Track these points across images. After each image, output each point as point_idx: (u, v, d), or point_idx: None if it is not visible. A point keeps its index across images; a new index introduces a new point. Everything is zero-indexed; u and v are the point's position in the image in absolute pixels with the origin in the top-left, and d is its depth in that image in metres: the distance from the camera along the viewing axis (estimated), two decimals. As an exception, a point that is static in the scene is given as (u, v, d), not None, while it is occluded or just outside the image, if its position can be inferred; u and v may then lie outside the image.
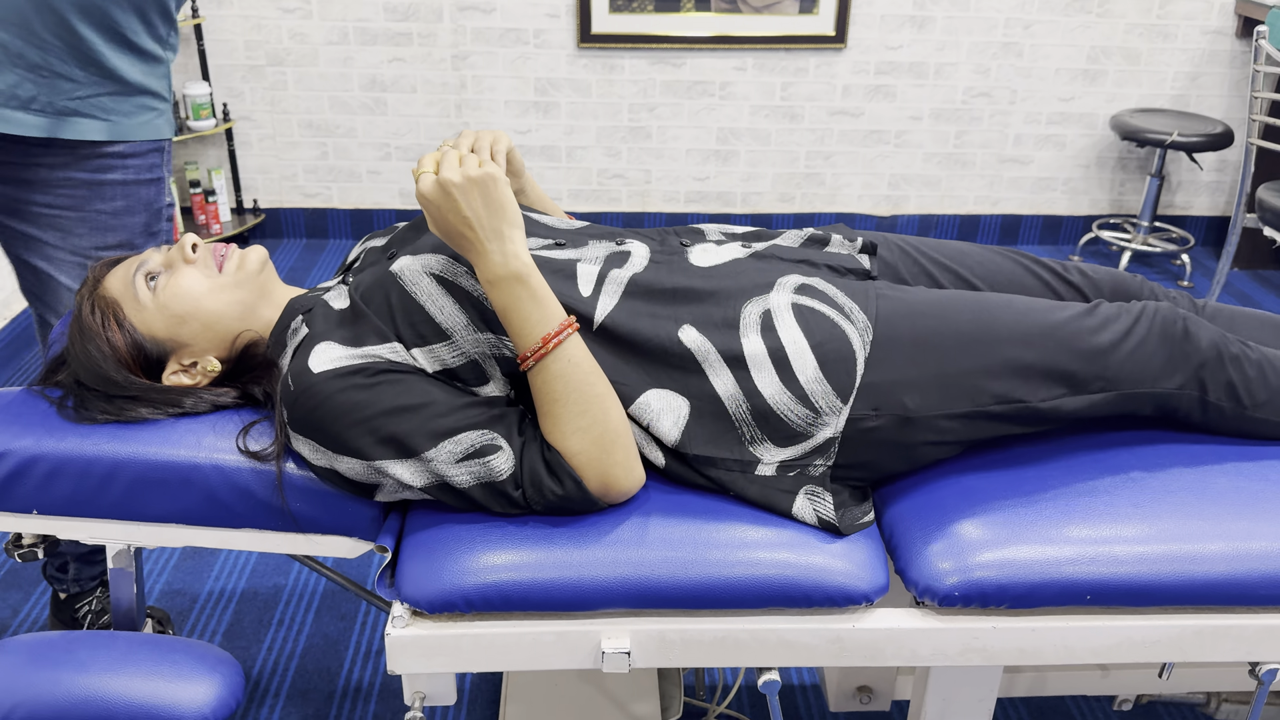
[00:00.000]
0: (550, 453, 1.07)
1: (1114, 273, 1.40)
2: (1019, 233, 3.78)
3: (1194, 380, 1.19)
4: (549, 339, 1.06)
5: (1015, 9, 3.42)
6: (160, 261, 1.19)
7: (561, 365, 1.06)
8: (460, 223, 1.05)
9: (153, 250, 1.20)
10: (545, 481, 1.06)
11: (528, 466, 1.06)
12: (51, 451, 1.11)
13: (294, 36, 3.35)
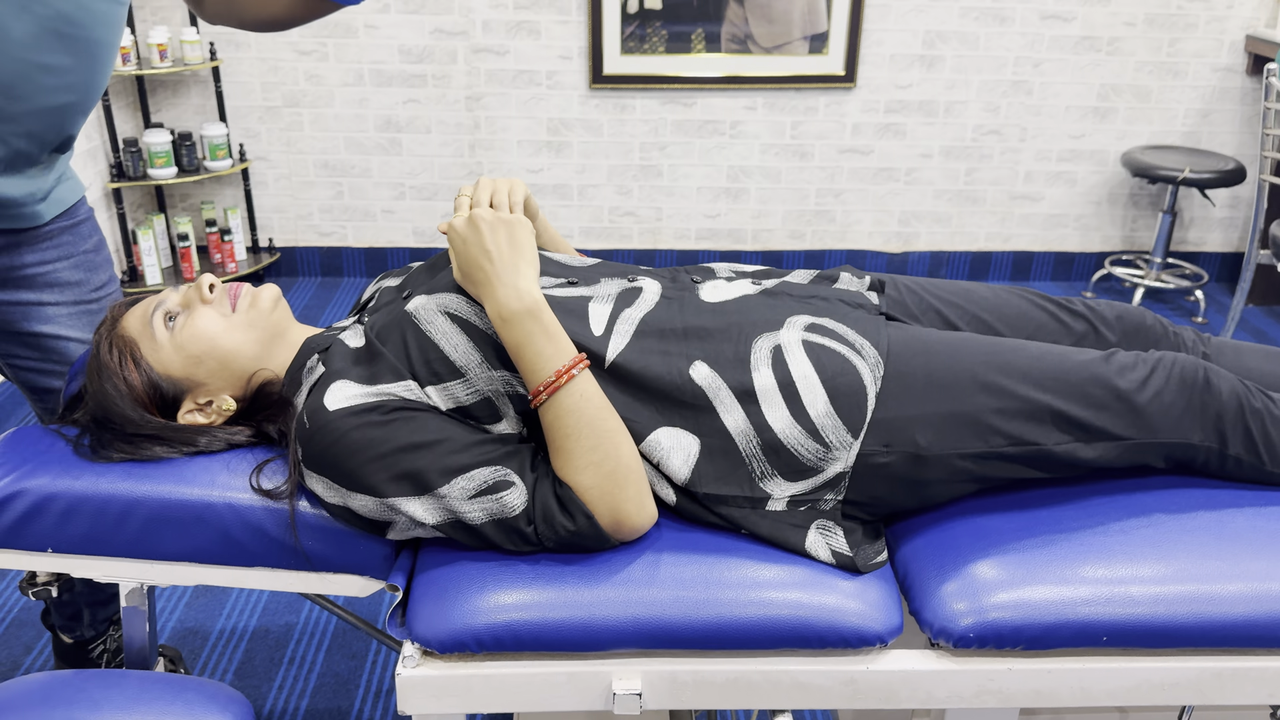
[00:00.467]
0: (562, 488, 1.07)
1: (1120, 306, 1.40)
2: (1031, 269, 3.78)
3: (1214, 433, 1.17)
4: (561, 374, 1.06)
5: (1025, 48, 3.44)
6: (178, 301, 1.20)
7: (573, 400, 1.06)
8: (482, 254, 1.09)
9: (170, 290, 1.22)
10: (557, 517, 1.06)
11: (540, 502, 1.06)
12: (67, 490, 1.11)
13: (310, 78, 3.40)
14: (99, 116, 3.21)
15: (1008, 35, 3.43)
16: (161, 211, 3.51)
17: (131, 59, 3.12)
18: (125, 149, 3.22)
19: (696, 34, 3.37)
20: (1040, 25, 3.42)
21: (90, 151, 3.17)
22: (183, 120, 3.44)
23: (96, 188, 3.22)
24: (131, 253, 3.35)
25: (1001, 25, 3.41)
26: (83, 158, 3.11)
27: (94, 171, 3.19)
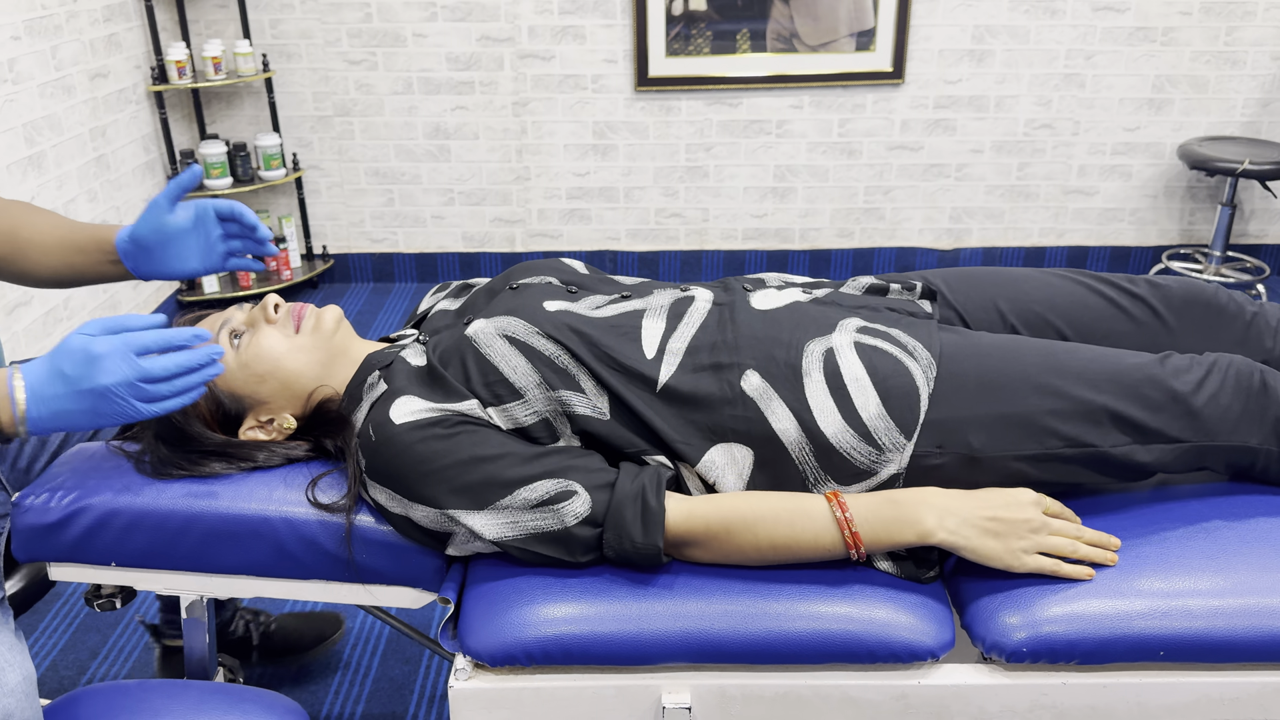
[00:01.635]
0: (651, 507, 1.06)
1: (1187, 282, 1.34)
2: (1086, 264, 3.71)
3: (1273, 435, 1.14)
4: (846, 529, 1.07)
5: (1076, 40, 3.38)
6: (243, 320, 1.23)
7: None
8: (1011, 534, 1.07)
9: (235, 309, 1.24)
10: (629, 527, 1.06)
11: (615, 509, 1.06)
12: (129, 506, 1.15)
13: (360, 88, 3.45)
14: (156, 130, 3.29)
15: (1059, 28, 3.36)
16: (218, 221, 3.58)
17: (187, 72, 3.19)
18: (182, 160, 3.29)
19: (741, 34, 3.36)
20: (1092, 17, 3.35)
21: (148, 164, 3.24)
22: (237, 131, 3.51)
23: (155, 199, 3.29)
24: (189, 262, 3.42)
25: (1052, 18, 3.35)
26: (140, 170, 3.19)
27: (151, 183, 3.27)
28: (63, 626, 1.99)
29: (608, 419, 1.13)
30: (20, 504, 1.15)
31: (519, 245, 3.69)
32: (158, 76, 3.21)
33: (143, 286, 3.22)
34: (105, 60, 2.96)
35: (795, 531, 1.06)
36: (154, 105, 3.26)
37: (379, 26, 3.36)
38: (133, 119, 3.14)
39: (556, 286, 1.28)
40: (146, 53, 3.21)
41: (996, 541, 1.06)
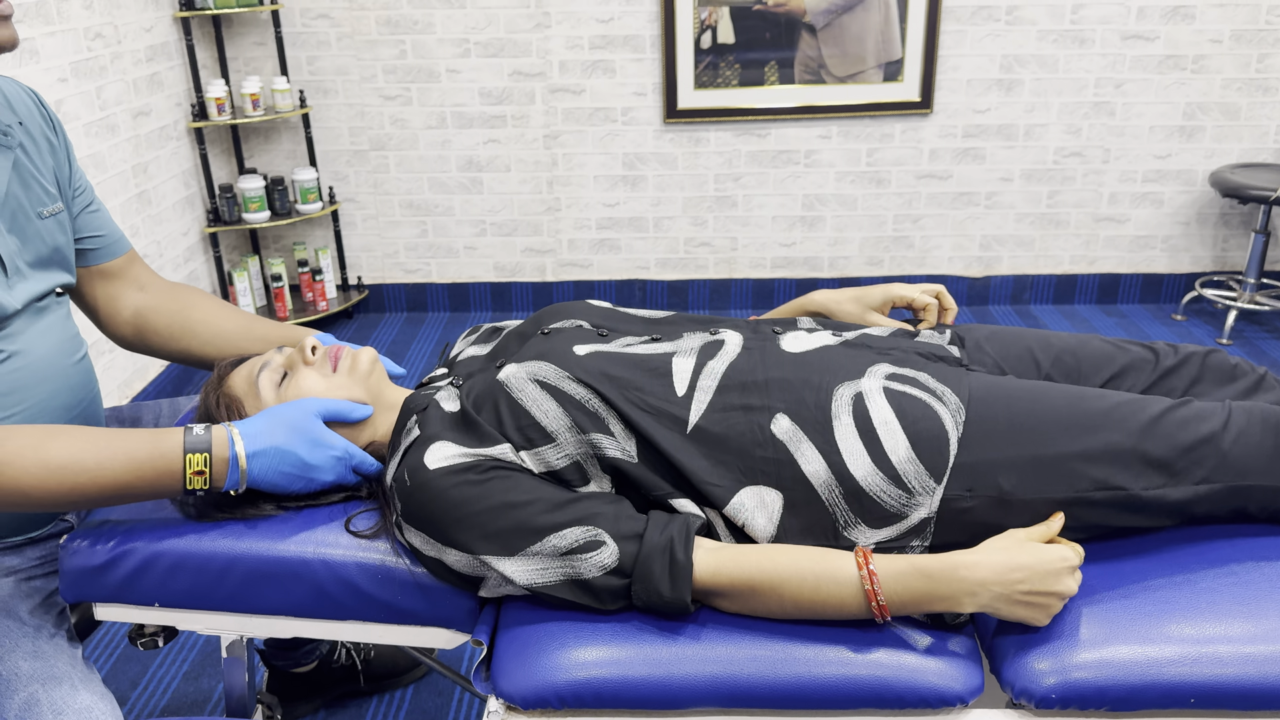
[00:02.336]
0: (679, 561, 1.07)
1: (1205, 351, 1.36)
2: (1118, 292, 3.69)
3: None
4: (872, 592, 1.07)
5: (1106, 69, 3.38)
6: (281, 363, 1.26)
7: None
8: (1041, 588, 1.05)
9: (274, 351, 1.28)
10: (657, 582, 1.07)
11: (643, 562, 1.07)
12: (173, 548, 1.18)
13: (395, 122, 3.51)
14: (196, 165, 3.37)
15: (1088, 57, 3.37)
16: (255, 253, 3.66)
17: (226, 109, 3.27)
18: (221, 195, 3.37)
19: (769, 65, 3.39)
20: (1121, 46, 3.35)
21: (188, 199, 3.32)
22: (275, 165, 3.58)
23: (194, 233, 3.37)
24: (228, 294, 3.49)
25: (1081, 47, 3.35)
26: (180, 205, 3.27)
27: (191, 217, 3.34)
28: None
29: (636, 462, 1.15)
30: (68, 546, 1.18)
31: (549, 275, 3.73)
32: (198, 113, 3.28)
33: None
34: (147, 99, 3.04)
35: (821, 596, 1.07)
36: (194, 141, 3.34)
37: (413, 63, 3.43)
38: (173, 155, 3.21)
39: (587, 330, 1.30)
40: (187, 90, 3.30)
41: (1028, 610, 1.05)
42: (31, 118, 1.28)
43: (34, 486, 1.05)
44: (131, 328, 1.42)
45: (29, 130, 1.27)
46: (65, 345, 1.26)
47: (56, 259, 1.27)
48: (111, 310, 1.41)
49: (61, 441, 1.07)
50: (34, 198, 1.24)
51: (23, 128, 1.25)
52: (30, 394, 1.20)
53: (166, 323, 1.41)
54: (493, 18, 3.37)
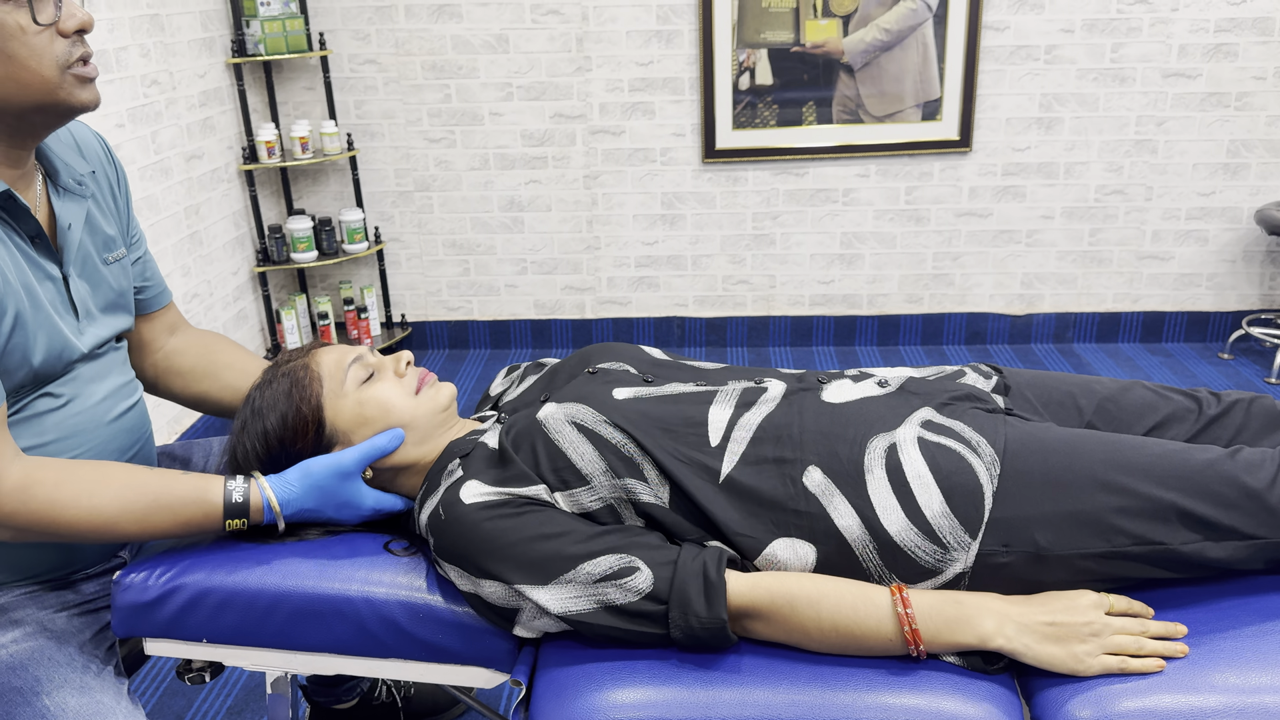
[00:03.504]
0: (714, 581, 1.08)
1: (1252, 397, 1.34)
2: (1163, 330, 3.65)
3: None
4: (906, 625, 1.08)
5: (1147, 107, 3.37)
6: (374, 363, 1.29)
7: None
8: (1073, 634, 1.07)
9: (367, 349, 1.31)
10: (694, 604, 1.07)
11: (679, 586, 1.08)
12: (221, 585, 1.21)
13: (439, 164, 3.59)
14: (246, 206, 3.45)
15: (1129, 95, 3.36)
16: (303, 292, 3.74)
17: (275, 152, 3.36)
18: (270, 235, 3.45)
19: (807, 105, 3.42)
20: (1163, 84, 3.34)
21: (238, 239, 3.40)
22: (323, 206, 3.67)
23: (244, 272, 3.45)
24: (275, 331, 3.57)
25: (1122, 85, 3.35)
26: (231, 245, 3.35)
27: (241, 257, 3.43)
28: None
29: (668, 508, 1.16)
30: (121, 582, 1.21)
31: (589, 312, 3.76)
32: (248, 156, 3.38)
33: (231, 356, 3.35)
34: (200, 143, 3.14)
35: (859, 616, 1.07)
36: (244, 183, 3.43)
37: (458, 106, 3.50)
38: (224, 197, 3.30)
39: (633, 375, 1.32)
40: (238, 134, 3.39)
41: (1058, 647, 1.06)
42: (101, 166, 1.34)
43: (88, 530, 1.13)
44: (155, 370, 1.46)
45: (99, 178, 1.32)
46: (122, 390, 1.31)
47: (121, 303, 1.32)
48: (142, 354, 1.46)
49: (114, 488, 1.14)
50: (100, 244, 1.29)
51: (94, 176, 1.31)
52: (89, 438, 1.24)
53: (191, 365, 1.45)
54: (535, 62, 3.44)
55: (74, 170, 1.26)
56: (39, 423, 1.19)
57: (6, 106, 1.11)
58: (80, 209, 1.26)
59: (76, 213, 1.25)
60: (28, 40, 1.09)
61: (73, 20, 1.12)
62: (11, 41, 1.08)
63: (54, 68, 1.11)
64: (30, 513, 1.09)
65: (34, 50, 1.09)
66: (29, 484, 1.09)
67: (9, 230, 1.15)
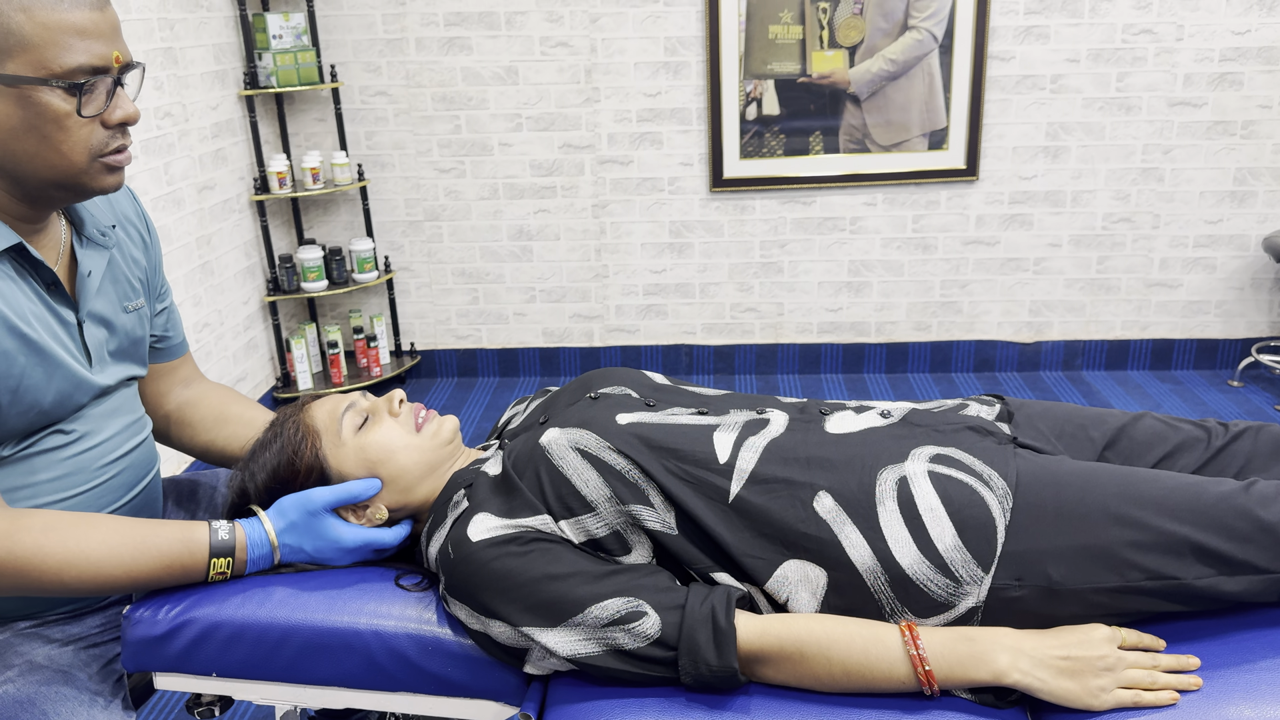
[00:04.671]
0: (723, 628, 1.07)
1: (1262, 427, 1.34)
2: (1172, 358, 3.64)
3: None
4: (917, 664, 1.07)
5: (1153, 135, 3.38)
6: (367, 407, 1.30)
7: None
8: (1088, 669, 1.07)
9: (359, 395, 1.32)
10: (703, 652, 1.07)
11: (687, 633, 1.08)
12: (231, 618, 1.21)
13: (449, 194, 3.61)
14: (257, 236, 3.48)
15: (1135, 124, 3.37)
16: (313, 321, 3.76)
17: (287, 182, 3.39)
18: (281, 265, 3.47)
19: (814, 135, 3.44)
20: (1169, 112, 3.35)
21: (249, 269, 3.43)
22: (333, 236, 3.69)
23: (254, 302, 3.47)
24: (285, 360, 3.58)
25: (1128, 114, 3.36)
26: (241, 275, 3.37)
27: (251, 286, 3.45)
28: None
29: (675, 534, 1.16)
30: (131, 616, 1.22)
31: (597, 340, 3.77)
32: (260, 187, 3.41)
33: (241, 387, 3.37)
34: (212, 173, 3.17)
35: (870, 660, 1.07)
36: (255, 214, 3.46)
37: (467, 137, 3.53)
38: (235, 227, 3.33)
39: (634, 399, 1.32)
40: (250, 165, 3.42)
41: (1072, 681, 1.05)
42: (128, 218, 1.35)
43: (74, 578, 1.12)
44: (167, 420, 1.47)
45: (125, 230, 1.34)
46: (131, 427, 1.32)
47: (134, 352, 1.33)
48: (155, 404, 1.47)
49: (101, 533, 1.14)
50: (121, 292, 1.30)
51: (118, 229, 1.32)
52: (97, 475, 1.25)
53: (201, 416, 1.46)
54: (544, 93, 3.47)
55: (99, 222, 1.28)
56: (49, 458, 1.20)
57: (29, 178, 1.12)
58: (102, 258, 1.27)
59: (98, 261, 1.26)
60: (67, 126, 1.09)
61: (118, 113, 1.12)
62: (50, 125, 1.08)
63: (85, 155, 1.11)
64: (15, 559, 1.08)
65: (71, 137, 1.09)
66: (14, 530, 1.09)
67: (27, 276, 1.17)
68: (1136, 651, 1.09)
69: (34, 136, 1.08)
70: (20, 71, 1.05)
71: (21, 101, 1.06)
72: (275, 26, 3.27)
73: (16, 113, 1.07)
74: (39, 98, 1.06)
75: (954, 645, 1.07)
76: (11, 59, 1.04)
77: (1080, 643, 1.07)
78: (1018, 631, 1.09)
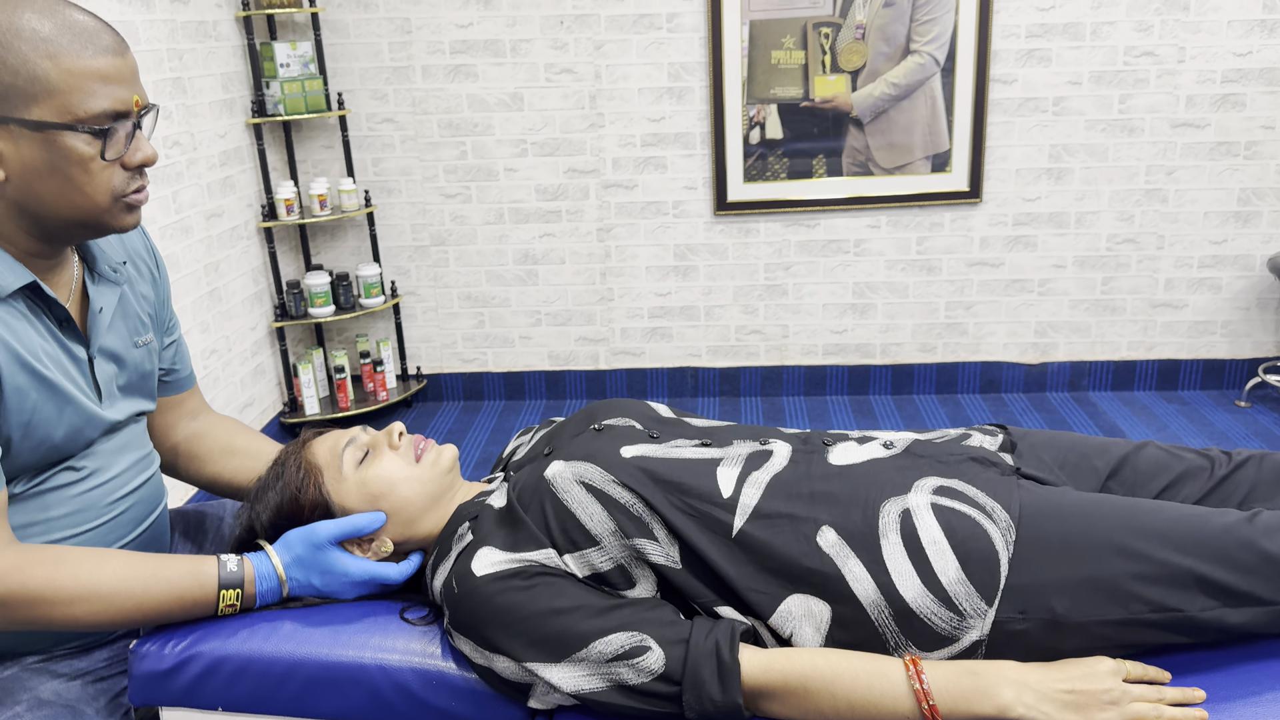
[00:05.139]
0: (726, 663, 1.07)
1: (1268, 456, 1.34)
2: (1179, 378, 3.64)
3: None
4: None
5: (1156, 157, 3.39)
6: (367, 442, 1.31)
7: None
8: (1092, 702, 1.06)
9: (359, 430, 1.33)
10: (708, 688, 1.07)
11: (691, 668, 1.08)
12: (237, 652, 1.21)
13: (455, 219, 3.63)
14: (265, 263, 3.50)
15: (1138, 145, 3.38)
16: (320, 346, 3.77)
17: (294, 209, 3.41)
18: (288, 291, 3.49)
19: (817, 158, 3.46)
20: (1171, 134, 3.36)
21: (256, 295, 3.45)
22: (340, 261, 3.71)
23: (262, 328, 3.49)
24: (292, 385, 3.60)
25: (1130, 135, 3.37)
26: (249, 301, 3.39)
27: (259, 312, 3.47)
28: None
29: (679, 568, 1.16)
30: (138, 651, 1.22)
31: (602, 363, 3.78)
32: (267, 214, 3.43)
33: (248, 413, 3.38)
34: (220, 201, 3.19)
35: (874, 694, 1.07)
36: (263, 240, 3.48)
37: (473, 163, 3.56)
38: (243, 254, 3.35)
39: (638, 431, 1.33)
40: (258, 192, 3.45)
41: (1077, 715, 1.05)
42: (138, 253, 1.37)
43: (85, 612, 1.13)
44: (174, 453, 1.48)
45: (135, 265, 1.36)
46: (140, 463, 1.33)
47: (143, 387, 1.34)
48: (163, 436, 1.48)
49: (112, 566, 1.15)
50: (131, 327, 1.32)
51: (128, 264, 1.34)
52: (106, 511, 1.26)
53: (209, 447, 1.47)
54: (549, 119, 3.49)
55: (110, 258, 1.30)
56: (61, 495, 1.21)
57: (51, 218, 1.14)
58: (114, 294, 1.29)
59: (110, 298, 1.28)
60: (90, 169, 1.11)
61: (138, 155, 1.15)
62: (75, 168, 1.10)
63: (107, 196, 1.14)
64: (28, 592, 1.09)
65: (94, 179, 1.12)
66: (26, 564, 1.10)
67: (39, 313, 1.18)
68: (1142, 684, 1.08)
69: (58, 178, 1.11)
70: (46, 117, 1.07)
71: (47, 145, 1.09)
72: (283, 55, 3.30)
73: (41, 156, 1.09)
74: (64, 142, 1.09)
75: (959, 679, 1.07)
76: (38, 104, 1.06)
77: (1085, 676, 1.07)
78: (1022, 665, 1.09)
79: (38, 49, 1.05)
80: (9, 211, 1.13)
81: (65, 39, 1.07)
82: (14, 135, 1.07)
